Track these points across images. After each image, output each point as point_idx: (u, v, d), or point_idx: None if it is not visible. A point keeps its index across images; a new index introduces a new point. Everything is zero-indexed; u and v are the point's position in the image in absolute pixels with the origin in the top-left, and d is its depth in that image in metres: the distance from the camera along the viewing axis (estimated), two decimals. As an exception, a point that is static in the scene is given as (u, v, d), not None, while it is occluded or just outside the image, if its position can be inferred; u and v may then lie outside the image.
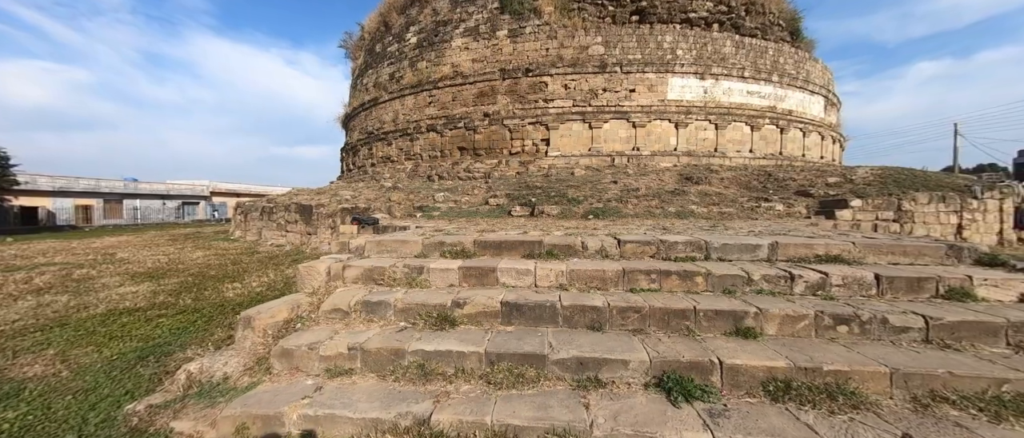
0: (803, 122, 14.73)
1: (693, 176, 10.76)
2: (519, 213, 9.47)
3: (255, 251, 10.38)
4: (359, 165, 18.59)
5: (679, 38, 13.46)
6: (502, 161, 13.65)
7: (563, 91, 13.40)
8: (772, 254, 3.49)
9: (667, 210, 8.61)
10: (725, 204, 9.04)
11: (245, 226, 14.04)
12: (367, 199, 11.54)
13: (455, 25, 15.08)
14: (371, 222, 7.68)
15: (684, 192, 9.68)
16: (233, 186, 37.06)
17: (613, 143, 13.23)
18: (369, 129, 17.77)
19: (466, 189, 11.89)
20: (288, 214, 11.58)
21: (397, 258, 3.83)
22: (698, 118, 13.24)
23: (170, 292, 5.55)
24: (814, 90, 15.29)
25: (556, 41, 13.60)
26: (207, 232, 18.39)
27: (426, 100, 15.36)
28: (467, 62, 14.54)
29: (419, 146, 15.41)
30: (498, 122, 13.78)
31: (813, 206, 8.96)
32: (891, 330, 2.50)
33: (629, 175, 11.30)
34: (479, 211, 10.21)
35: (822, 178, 10.28)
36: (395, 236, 4.34)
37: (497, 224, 7.07)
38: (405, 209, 10.72)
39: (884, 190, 9.11)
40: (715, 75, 13.43)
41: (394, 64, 16.78)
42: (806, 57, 15.40)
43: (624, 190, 9.82)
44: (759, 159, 13.57)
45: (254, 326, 2.71)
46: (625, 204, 8.98)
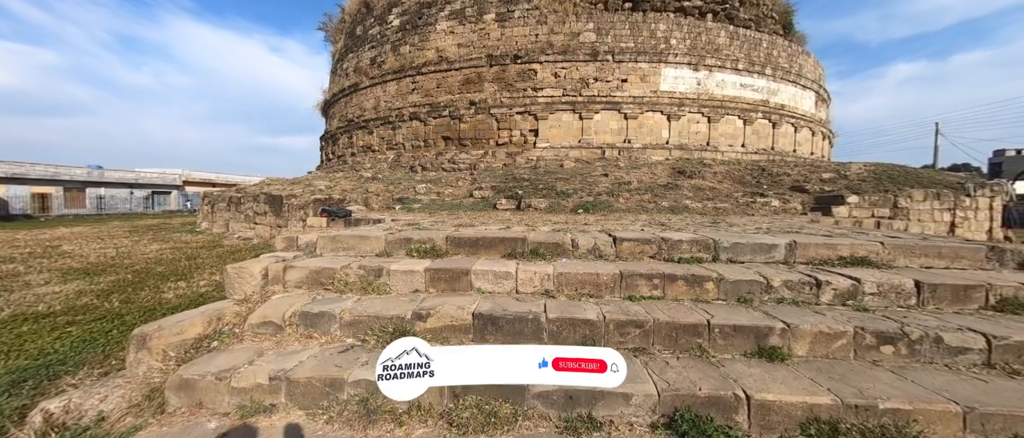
0: (795, 117, 14.52)
1: (686, 170, 10.37)
2: (505, 206, 8.91)
3: (218, 244, 9.57)
4: (339, 155, 17.70)
5: (673, 27, 12.99)
6: (488, 152, 13.04)
7: (553, 79, 12.81)
8: (790, 255, 3.03)
9: (660, 205, 8.18)
10: (719, 199, 8.66)
11: (212, 217, 13.11)
12: (343, 190, 10.81)
13: (440, 7, 14.28)
14: (343, 215, 7.01)
15: (677, 186, 9.28)
16: (208, 175, 35.38)
17: (604, 135, 12.75)
18: (349, 117, 16.88)
19: (450, 181, 11.27)
20: (257, 205, 10.76)
21: (354, 257, 3.24)
22: (691, 110, 12.84)
23: (99, 293, 4.82)
24: (806, 85, 15.08)
25: (546, 26, 12.97)
26: (174, 223, 17.27)
27: (409, 86, 14.57)
28: (452, 47, 13.80)
29: (401, 135, 14.65)
30: (484, 111, 13.13)
31: (809, 202, 8.66)
32: (946, 351, 2.06)
33: (620, 168, 10.85)
34: (463, 204, 9.61)
35: (816, 174, 10.01)
36: (355, 231, 3.74)
37: (479, 218, 6.50)
38: (384, 201, 10.05)
39: (879, 187, 8.87)
40: (709, 66, 13.03)
41: (376, 48, 15.89)
42: (799, 50, 15.16)
43: (615, 183, 9.36)
44: (751, 154, 13.29)
45: (151, 346, 2.10)
46: (617, 198, 8.51)
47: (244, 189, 12.82)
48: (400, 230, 3.84)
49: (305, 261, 3.05)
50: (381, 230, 3.77)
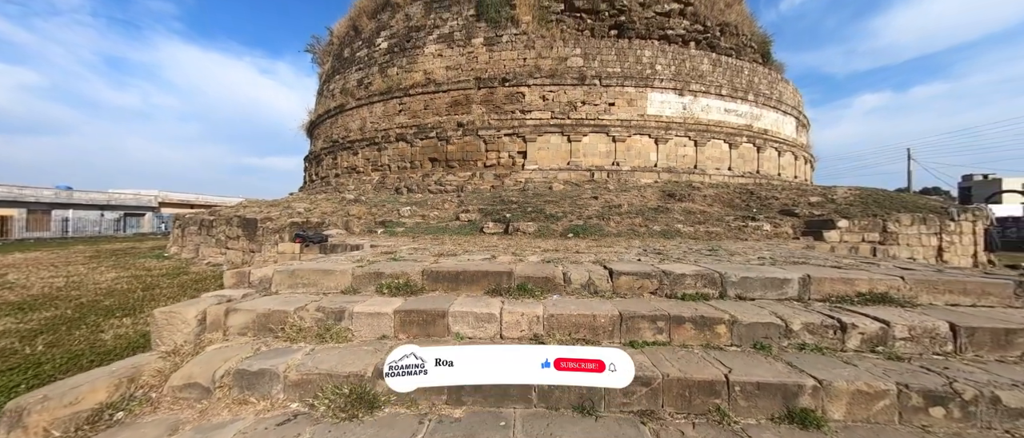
0: (778, 141, 14.78)
1: (675, 193, 10.26)
2: (492, 230, 8.56)
3: (183, 272, 8.90)
4: (322, 176, 17.22)
5: (658, 53, 13.25)
6: (476, 174, 12.79)
7: (541, 102, 12.80)
8: (804, 291, 2.74)
9: (652, 229, 7.95)
10: (711, 223, 8.49)
11: (182, 241, 12.37)
12: (323, 213, 10.33)
13: (429, 31, 14.34)
14: (319, 240, 6.55)
15: (668, 209, 9.11)
16: (186, 196, 34.19)
17: (592, 157, 12.67)
18: (334, 137, 16.54)
19: (436, 203, 10.91)
20: (230, 228, 10.16)
21: (314, 296, 2.81)
22: (678, 134, 12.93)
23: (25, 333, 4.21)
24: (787, 111, 15.47)
25: (534, 51, 13.07)
26: (143, 247, 16.32)
27: (396, 108, 14.39)
28: (440, 69, 13.76)
29: (387, 156, 14.33)
30: (472, 133, 12.97)
31: (799, 226, 8.57)
32: (1005, 414, 1.74)
33: (610, 191, 10.68)
34: (448, 227, 9.23)
35: (804, 197, 10.01)
36: (317, 264, 3.31)
37: (464, 243, 6.12)
38: (365, 224, 9.59)
39: (867, 211, 8.86)
40: (694, 92, 13.25)
41: (363, 70, 15.78)
42: (778, 78, 15.63)
43: (606, 206, 9.14)
44: (738, 177, 13.36)
45: (29, 424, 1.62)
46: (607, 222, 8.26)
47: (218, 211, 12.19)
48: (371, 262, 3.43)
49: (253, 302, 2.61)
50: (349, 262, 3.35)
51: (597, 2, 14.09)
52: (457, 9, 14.14)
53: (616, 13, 14.12)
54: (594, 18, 14.20)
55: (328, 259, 3.79)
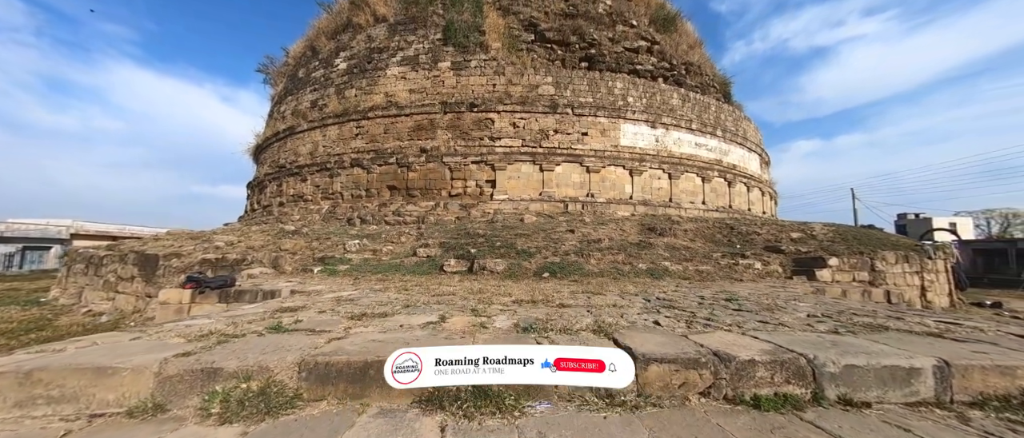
0: (746, 177, 14.85)
1: (656, 227, 9.53)
2: (454, 268, 7.26)
3: (46, 325, 6.76)
4: (265, 204, 15.25)
5: (629, 86, 13.09)
6: (440, 204, 11.55)
7: (511, 129, 12.03)
8: (943, 387, 1.72)
9: (637, 267, 7.00)
10: (698, 260, 7.70)
11: (66, 282, 9.95)
12: (249, 247, 8.58)
13: (392, 53, 13.47)
14: (219, 284, 4.95)
15: (650, 244, 8.27)
16: (107, 227, 29.93)
17: (566, 188, 11.89)
18: (281, 162, 14.82)
19: (392, 236, 9.48)
20: (123, 267, 8.13)
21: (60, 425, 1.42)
22: (652, 166, 12.53)
23: None
24: (751, 147, 15.77)
25: (504, 77, 12.48)
26: (23, 289, 13.30)
27: (353, 131, 13.10)
28: (404, 92, 12.78)
29: (340, 183, 12.82)
30: (437, 159, 11.86)
31: (787, 263, 7.98)
32: None
33: (586, 223, 9.79)
34: (403, 265, 7.82)
35: (785, 233, 9.60)
36: (85, 356, 1.86)
37: (416, 288, 4.81)
38: (300, 261, 7.96)
39: (851, 248, 8.47)
40: (665, 125, 13.08)
41: (318, 91, 14.49)
42: (742, 116, 16.05)
43: (584, 241, 8.16)
44: (712, 211, 13.05)
45: None
46: (587, 258, 7.24)
47: (116, 247, 10.02)
48: (206, 350, 2.04)
49: None
50: (155, 356, 1.90)
51: (567, 34, 13.97)
52: (423, 33, 13.47)
53: (586, 46, 14.02)
54: (565, 49, 14.01)
55: (142, 339, 2.29)
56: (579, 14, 14.40)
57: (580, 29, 14.01)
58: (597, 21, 14.54)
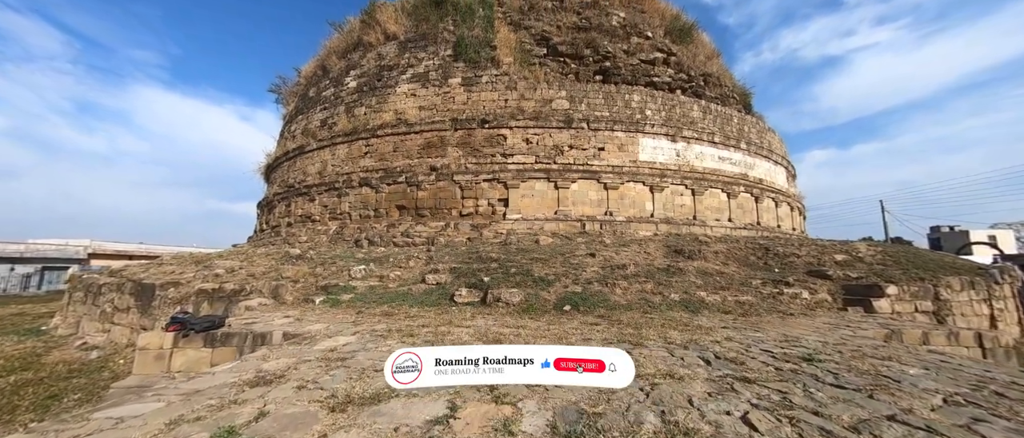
0: (773, 191, 14.01)
1: (683, 249, 8.80)
2: (465, 298, 6.65)
3: (32, 363, 6.36)
4: (273, 225, 15.00)
5: (647, 98, 12.55)
6: (450, 224, 11.05)
7: (524, 145, 11.55)
8: None
9: (668, 297, 6.28)
10: (735, 288, 6.94)
11: (67, 310, 9.67)
12: (250, 274, 8.16)
13: (402, 70, 13.26)
14: (206, 326, 4.44)
15: (680, 270, 7.54)
16: (124, 247, 30.35)
17: (583, 206, 11.27)
18: (290, 182, 14.61)
19: (400, 260, 8.96)
20: (120, 296, 7.77)
21: None
22: (673, 182, 11.84)
23: None
24: (777, 160, 14.96)
25: (516, 92, 12.08)
26: (31, 313, 13.18)
27: (362, 149, 12.81)
28: (413, 109, 12.48)
29: (348, 203, 12.46)
30: (447, 177, 11.42)
31: (837, 291, 7.14)
32: None
33: (607, 245, 9.12)
34: (411, 293, 7.25)
35: (827, 255, 8.75)
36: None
37: (426, 326, 4.22)
38: (302, 290, 7.47)
39: (909, 273, 7.59)
40: (686, 138, 12.43)
41: (328, 109, 14.35)
42: (765, 127, 15.30)
43: (606, 266, 7.48)
44: (740, 229, 12.22)
45: None
46: (612, 288, 6.55)
47: (119, 273, 9.73)
48: None
49: None
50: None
51: (580, 47, 13.58)
52: (433, 49, 13.24)
53: (601, 59, 13.60)
54: (578, 63, 13.61)
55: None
56: (592, 27, 14.03)
57: (593, 42, 13.62)
58: (611, 33, 14.15)
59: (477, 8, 13.43)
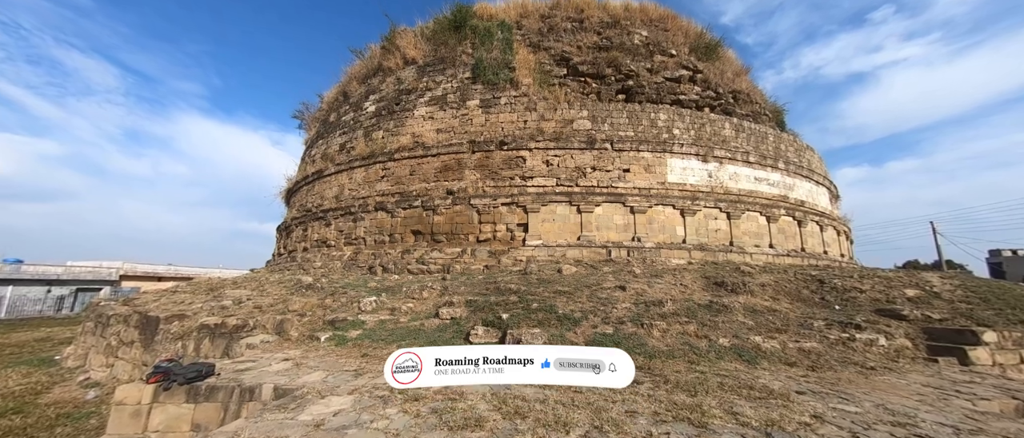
0: (817, 214, 12.85)
1: (725, 281, 7.88)
2: (482, 339, 5.98)
3: (22, 405, 6.01)
4: (290, 249, 14.88)
5: (674, 117, 11.88)
6: (467, 250, 10.50)
7: (544, 168, 11.02)
8: None
9: (716, 343, 5.41)
10: (793, 330, 5.98)
11: (79, 340, 9.53)
12: (257, 306, 7.76)
13: (420, 94, 13.16)
14: (191, 377, 3.94)
15: (725, 307, 6.63)
16: (154, 268, 31.31)
17: (608, 231, 10.52)
18: (308, 206, 14.55)
19: (413, 290, 8.42)
20: (126, 329, 7.50)
21: None
22: (706, 205, 10.97)
23: None
24: (819, 180, 13.84)
25: (536, 113, 11.68)
26: (54, 339, 13.27)
27: (379, 173, 12.60)
28: (430, 132, 12.25)
29: (363, 228, 12.16)
30: (464, 201, 10.96)
31: (916, 336, 6.06)
32: None
33: (637, 276, 8.30)
34: (423, 329, 6.65)
35: (895, 289, 7.64)
36: None
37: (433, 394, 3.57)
38: (308, 325, 6.98)
39: (1002, 314, 6.43)
40: (718, 158, 11.61)
41: (347, 134, 14.36)
42: (804, 145, 14.28)
43: (639, 302, 6.67)
44: (783, 256, 11.13)
45: None
46: (649, 329, 5.74)
47: (132, 300, 9.59)
48: None
49: None
50: None
51: (602, 66, 13.17)
52: (452, 72, 13.12)
53: (623, 78, 13.12)
54: (599, 82, 13.16)
55: None
56: (613, 46, 13.65)
57: (615, 61, 13.19)
58: (633, 52, 13.71)
59: (496, 31, 13.32)
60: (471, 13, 14.02)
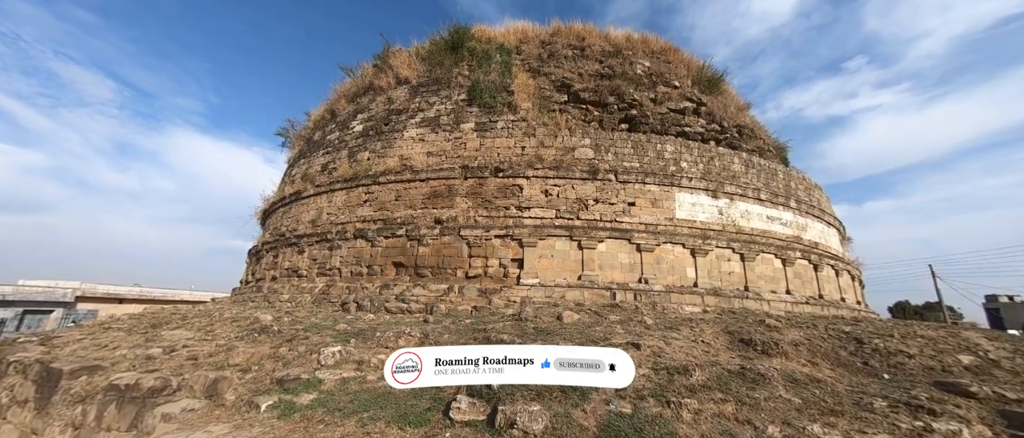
0: (831, 257, 12.05)
1: (752, 338, 6.80)
2: (465, 415, 4.69)
3: None
4: (258, 278, 13.45)
5: (681, 149, 11.18)
6: (454, 287, 9.30)
7: (543, 198, 10.07)
8: None
9: (765, 434, 4.25)
10: (852, 414, 4.86)
11: (-20, 382, 7.89)
12: (192, 356, 6.37)
13: (412, 114, 12.33)
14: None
15: (761, 376, 5.51)
16: (117, 289, 28.95)
17: (612, 271, 9.47)
18: (281, 230, 13.27)
19: (387, 337, 7.12)
20: (22, 383, 6.03)
21: None
22: (718, 244, 10.05)
23: None
24: (829, 221, 13.15)
25: (535, 139, 10.86)
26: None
27: (361, 197, 11.51)
28: (420, 155, 11.31)
29: (339, 258, 10.91)
30: (453, 232, 9.87)
31: (992, 420, 4.99)
32: None
33: (649, 328, 7.18)
34: (392, 394, 5.34)
35: (946, 354, 6.64)
36: None
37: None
38: (251, 385, 5.62)
39: (1086, 389, 5.43)
40: (729, 194, 10.83)
41: (330, 153, 13.35)
42: (813, 183, 13.68)
43: (659, 367, 5.51)
44: (801, 304, 10.15)
45: None
46: (677, 411, 4.54)
47: (51, 339, 8.06)
48: None
49: None
50: None
51: (604, 95, 12.58)
52: (446, 93, 12.38)
53: (626, 107, 12.52)
54: (602, 110, 12.53)
55: None
56: (616, 75, 13.15)
57: (618, 89, 12.63)
58: (636, 82, 13.22)
59: (495, 54, 12.74)
60: (469, 35, 13.51)
